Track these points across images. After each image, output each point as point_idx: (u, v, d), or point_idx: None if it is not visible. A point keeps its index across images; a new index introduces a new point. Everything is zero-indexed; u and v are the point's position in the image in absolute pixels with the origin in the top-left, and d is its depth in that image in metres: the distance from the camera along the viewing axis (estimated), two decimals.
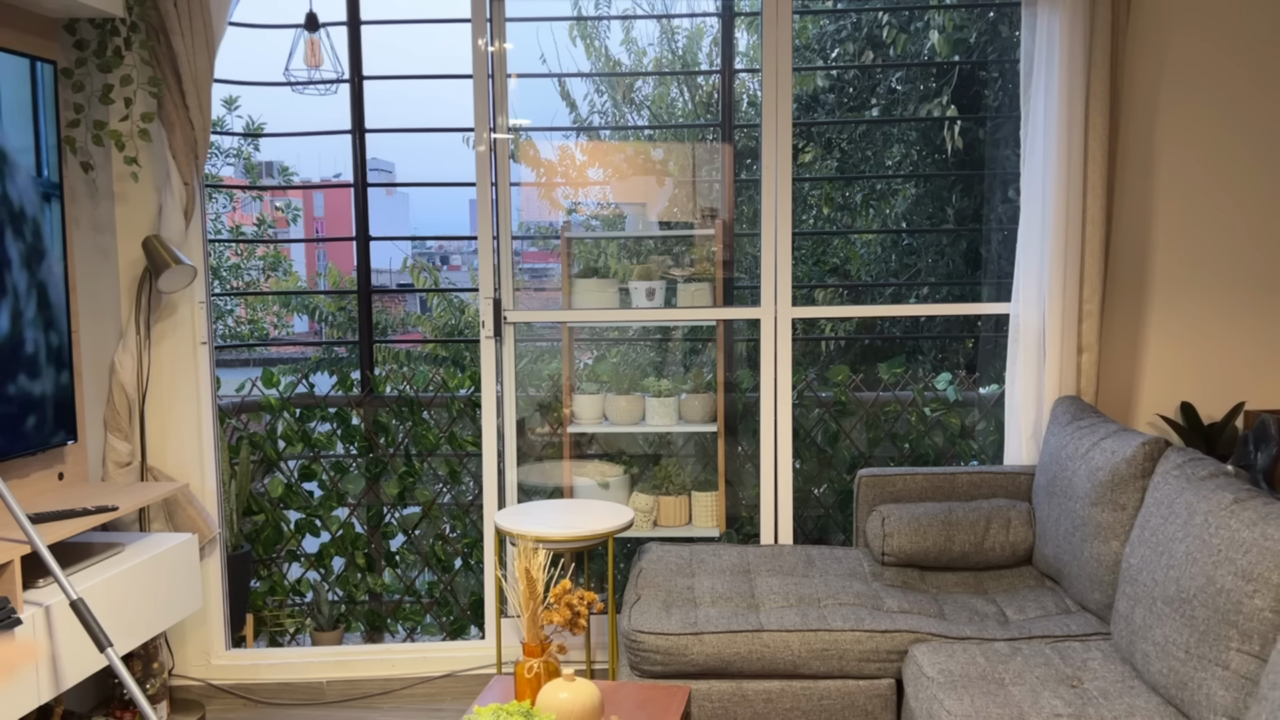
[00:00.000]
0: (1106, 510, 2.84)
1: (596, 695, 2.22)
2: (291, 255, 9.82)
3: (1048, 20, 3.36)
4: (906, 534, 3.28)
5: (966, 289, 5.61)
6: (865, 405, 4.40)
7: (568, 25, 5.29)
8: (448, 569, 4.31)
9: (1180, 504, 2.46)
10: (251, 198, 9.82)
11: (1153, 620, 2.44)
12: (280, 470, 4.26)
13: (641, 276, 4.00)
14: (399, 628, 4.32)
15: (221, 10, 3.33)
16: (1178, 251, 3.53)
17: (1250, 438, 3.45)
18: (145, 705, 2.59)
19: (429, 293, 6.97)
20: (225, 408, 4.11)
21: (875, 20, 5.62)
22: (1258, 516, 2.22)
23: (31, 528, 2.53)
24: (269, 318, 8.15)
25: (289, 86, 4.38)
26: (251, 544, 4.09)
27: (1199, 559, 2.30)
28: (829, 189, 6.03)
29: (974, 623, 2.95)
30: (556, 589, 2.35)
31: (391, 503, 4.32)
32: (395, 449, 4.31)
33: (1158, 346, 3.57)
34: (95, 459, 3.44)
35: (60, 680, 2.65)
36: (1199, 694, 2.24)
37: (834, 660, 2.88)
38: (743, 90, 5.49)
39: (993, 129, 4.98)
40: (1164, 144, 3.50)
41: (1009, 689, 2.52)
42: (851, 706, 2.89)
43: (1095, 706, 2.40)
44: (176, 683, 3.62)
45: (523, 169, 4.62)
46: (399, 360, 5.44)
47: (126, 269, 3.46)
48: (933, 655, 2.72)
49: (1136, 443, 2.81)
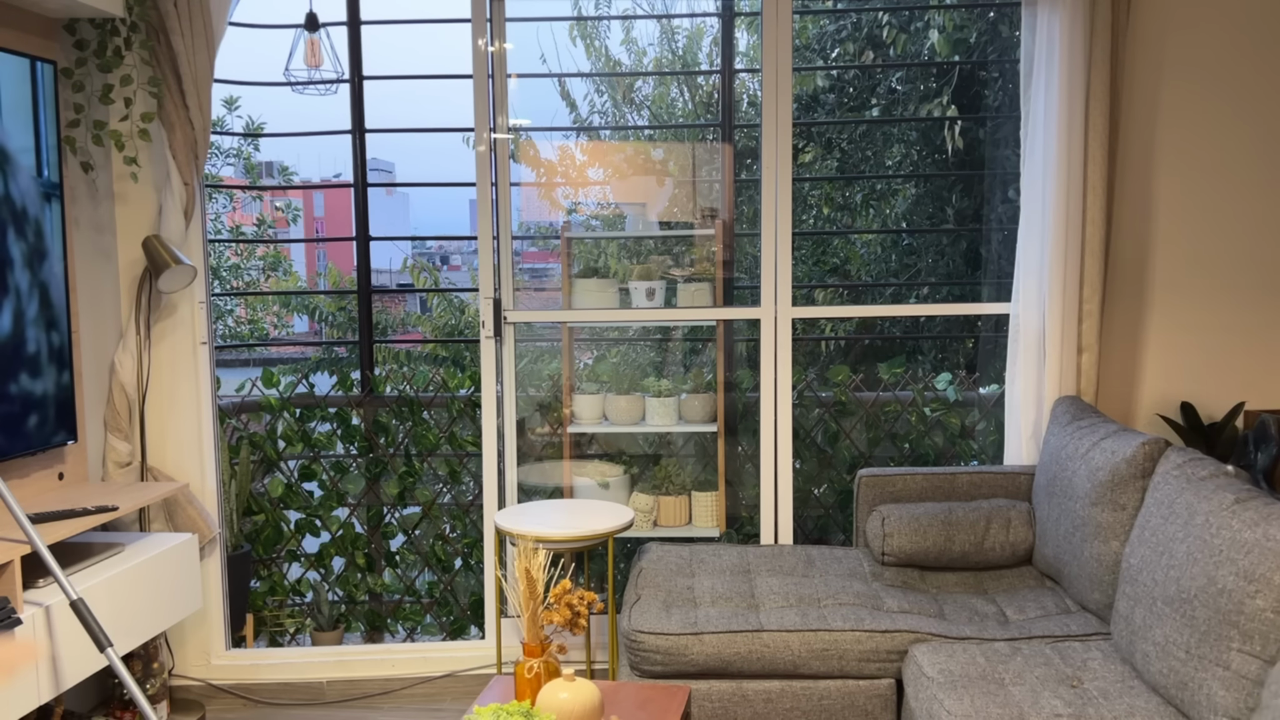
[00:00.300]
0: (1106, 510, 2.84)
1: (596, 695, 2.22)
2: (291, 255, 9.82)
3: (1048, 20, 3.36)
4: (906, 534, 3.28)
5: (966, 289, 5.61)
6: (865, 405, 4.40)
7: (568, 25, 5.29)
8: (448, 569, 4.31)
9: (1180, 504, 2.46)
10: (251, 198, 9.82)
11: (1153, 620, 2.44)
12: (280, 470, 4.26)
13: (641, 276, 4.00)
14: (399, 628, 4.32)
15: (221, 10, 3.33)
16: (1178, 251, 3.53)
17: (1250, 438, 3.45)
18: (145, 705, 2.59)
19: (429, 293, 6.97)
20: (225, 408, 4.11)
21: (875, 20, 5.62)
22: (1259, 517, 2.22)
23: (31, 528, 2.53)
24: (269, 318, 8.15)
25: (289, 86, 4.38)
26: (251, 544, 4.09)
27: (1200, 559, 2.30)
28: (829, 189, 6.03)
29: (974, 623, 2.95)
30: (556, 589, 2.35)
31: (391, 503, 4.32)
32: (395, 449, 4.31)
33: (1158, 346, 3.57)
34: (95, 459, 3.44)
35: (60, 680, 2.65)
36: (1199, 694, 2.24)
37: (834, 660, 2.88)
38: (743, 90, 5.48)
39: (993, 129, 4.98)
40: (1164, 144, 3.50)
41: (1009, 689, 2.52)
42: (851, 706, 2.89)
43: (1095, 706, 2.40)
44: (176, 683, 3.62)
45: (523, 169, 4.62)
46: (399, 360, 5.44)
47: (126, 269, 3.46)
48: (933, 655, 2.72)
49: (1136, 443, 2.81)
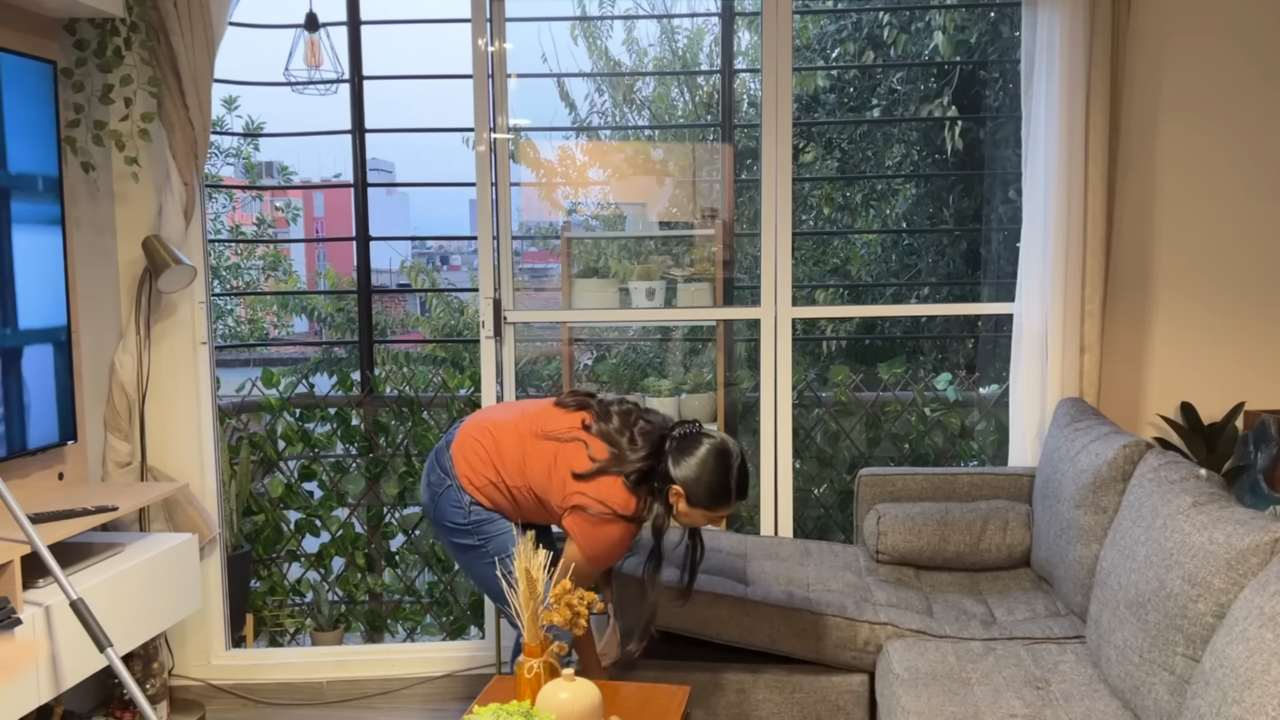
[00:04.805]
0: (1088, 513, 2.80)
1: (596, 695, 2.21)
2: (291, 255, 9.81)
3: (1048, 20, 3.36)
4: (901, 532, 3.28)
5: (966, 289, 5.61)
6: (865, 405, 4.40)
7: (568, 25, 5.29)
8: (448, 569, 4.31)
9: (1147, 507, 2.42)
10: (251, 198, 9.81)
11: (1115, 624, 2.41)
12: (280, 470, 4.26)
13: (641, 276, 4.00)
14: (399, 628, 4.32)
15: (221, 10, 3.33)
16: (1178, 251, 3.53)
17: (1250, 438, 3.44)
18: (145, 705, 2.59)
19: (428, 293, 6.97)
20: (225, 408, 4.11)
21: (876, 20, 5.62)
22: (1210, 520, 2.17)
23: (31, 528, 2.53)
24: (269, 318, 8.14)
25: (289, 86, 4.38)
26: (251, 544, 4.09)
27: (1155, 562, 2.26)
28: (829, 189, 6.03)
29: (958, 622, 2.95)
30: (556, 589, 2.35)
31: (391, 503, 4.32)
32: (395, 449, 4.31)
33: (1158, 346, 3.56)
34: (95, 459, 3.44)
35: (60, 680, 2.65)
36: (1148, 698, 2.22)
37: (811, 640, 2.87)
38: (743, 90, 5.49)
39: (993, 129, 4.98)
40: (1164, 143, 3.49)
41: (973, 688, 2.51)
42: (824, 701, 2.89)
43: (1054, 708, 2.38)
44: (176, 683, 3.62)
45: (523, 169, 4.62)
46: (398, 361, 5.44)
47: (126, 269, 3.46)
48: (904, 652, 2.72)
49: (1118, 445, 2.77)
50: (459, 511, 2.68)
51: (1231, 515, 2.17)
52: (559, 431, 2.67)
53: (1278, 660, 1.74)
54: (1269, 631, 1.79)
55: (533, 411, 2.75)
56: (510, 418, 2.74)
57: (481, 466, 2.68)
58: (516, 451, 2.68)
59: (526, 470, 2.67)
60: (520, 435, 2.70)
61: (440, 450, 2.76)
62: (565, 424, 2.69)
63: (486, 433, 2.72)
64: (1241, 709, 1.76)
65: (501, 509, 2.70)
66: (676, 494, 2.62)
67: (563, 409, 2.74)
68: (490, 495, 2.68)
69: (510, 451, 2.68)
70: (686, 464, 2.60)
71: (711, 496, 2.62)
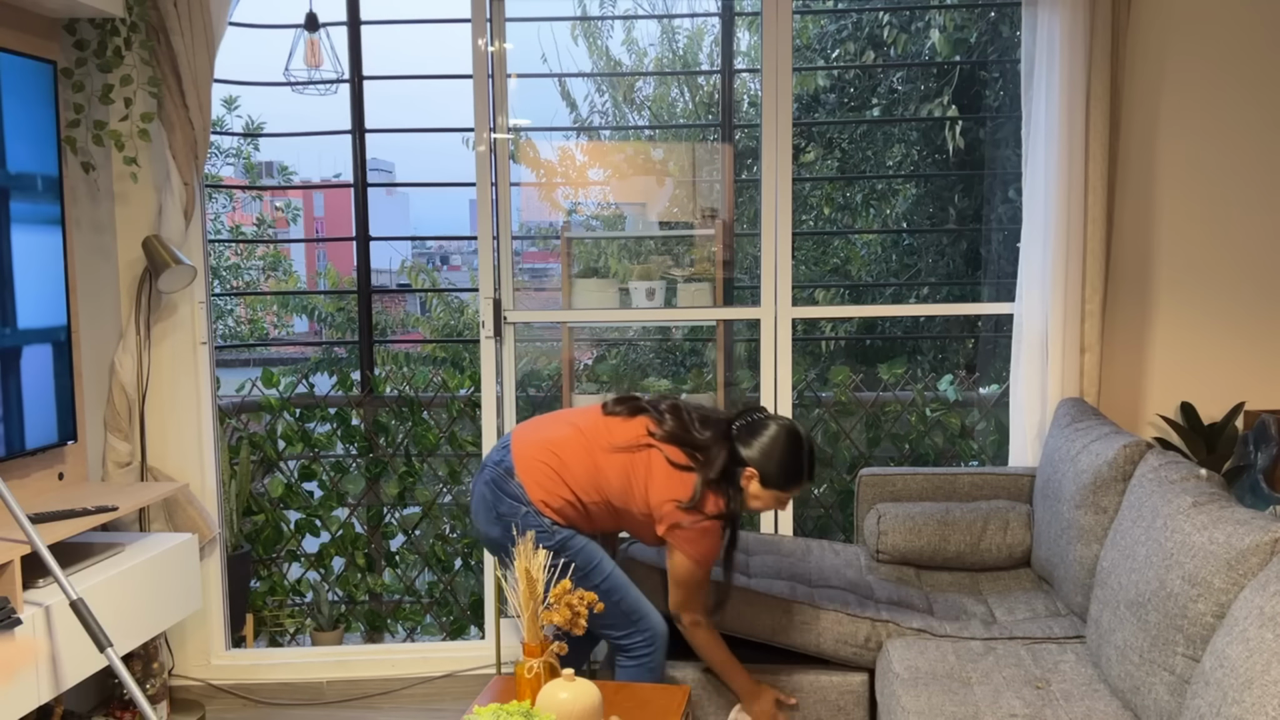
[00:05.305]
0: (1088, 513, 2.80)
1: (596, 695, 2.21)
2: (291, 255, 9.82)
3: (1048, 20, 3.36)
4: (901, 532, 3.28)
5: (967, 289, 5.61)
6: (865, 405, 4.39)
7: (568, 25, 5.29)
8: (448, 569, 4.31)
9: (1148, 507, 2.42)
10: (251, 198, 9.81)
11: (1115, 624, 2.41)
12: (280, 470, 4.26)
13: (641, 276, 4.00)
14: (399, 628, 4.32)
15: (221, 10, 3.33)
16: (1178, 251, 3.53)
17: (1250, 438, 3.45)
18: (145, 705, 2.59)
19: (428, 293, 6.97)
20: (225, 408, 4.11)
21: (876, 20, 5.62)
22: (1210, 520, 2.17)
23: (31, 528, 2.53)
24: (269, 318, 8.14)
25: (289, 86, 4.38)
26: (251, 544, 4.09)
27: (1155, 562, 2.26)
28: (829, 189, 6.03)
29: (959, 621, 2.95)
30: (556, 589, 2.35)
31: (391, 503, 4.32)
32: (395, 449, 4.31)
33: (1159, 347, 3.56)
34: (95, 459, 3.44)
35: (60, 680, 2.65)
36: (1148, 698, 2.22)
37: (812, 635, 2.87)
38: (743, 90, 5.49)
39: (993, 129, 4.98)
40: (1165, 143, 3.49)
41: (973, 688, 2.51)
42: (824, 702, 2.89)
43: (1054, 708, 2.38)
44: (176, 683, 3.62)
45: (523, 169, 4.62)
46: (398, 361, 5.44)
47: (126, 269, 3.46)
48: (904, 651, 2.72)
49: (1118, 445, 2.77)
50: (544, 536, 2.64)
51: (1231, 515, 2.17)
52: (628, 442, 2.69)
53: (1278, 660, 1.74)
54: (1269, 631, 1.79)
55: (588, 424, 2.75)
56: (566, 434, 2.73)
57: (554, 486, 2.68)
58: (587, 466, 2.68)
59: (601, 484, 2.68)
60: (587, 450, 2.70)
61: (500, 479, 2.71)
62: (631, 434, 2.71)
63: (549, 452, 2.70)
64: (1241, 709, 1.76)
65: (576, 525, 2.70)
66: (749, 475, 2.66)
67: (618, 418, 2.75)
68: (566, 514, 2.68)
69: (578, 468, 2.68)
70: (758, 445, 2.66)
71: (785, 476, 2.67)
